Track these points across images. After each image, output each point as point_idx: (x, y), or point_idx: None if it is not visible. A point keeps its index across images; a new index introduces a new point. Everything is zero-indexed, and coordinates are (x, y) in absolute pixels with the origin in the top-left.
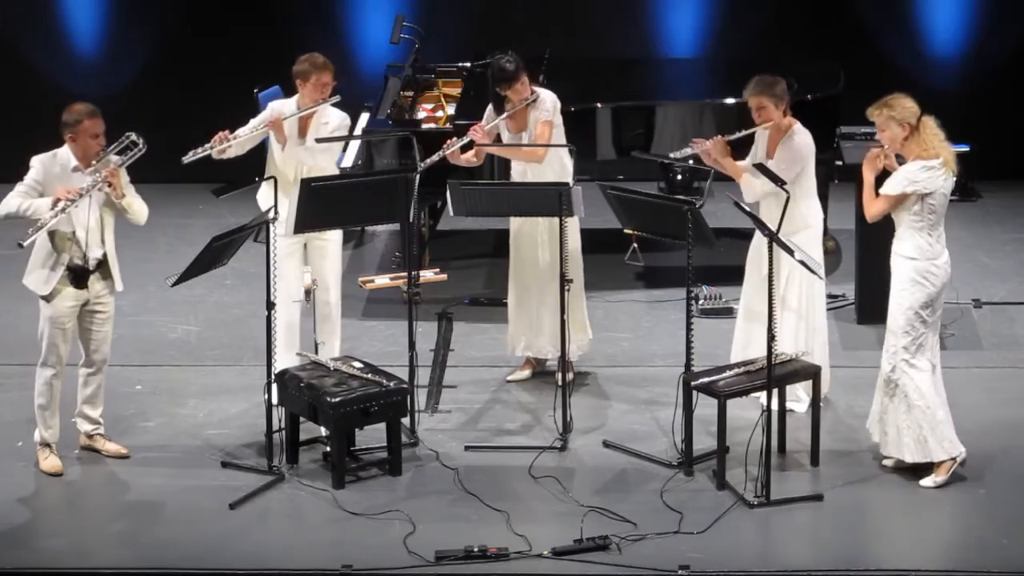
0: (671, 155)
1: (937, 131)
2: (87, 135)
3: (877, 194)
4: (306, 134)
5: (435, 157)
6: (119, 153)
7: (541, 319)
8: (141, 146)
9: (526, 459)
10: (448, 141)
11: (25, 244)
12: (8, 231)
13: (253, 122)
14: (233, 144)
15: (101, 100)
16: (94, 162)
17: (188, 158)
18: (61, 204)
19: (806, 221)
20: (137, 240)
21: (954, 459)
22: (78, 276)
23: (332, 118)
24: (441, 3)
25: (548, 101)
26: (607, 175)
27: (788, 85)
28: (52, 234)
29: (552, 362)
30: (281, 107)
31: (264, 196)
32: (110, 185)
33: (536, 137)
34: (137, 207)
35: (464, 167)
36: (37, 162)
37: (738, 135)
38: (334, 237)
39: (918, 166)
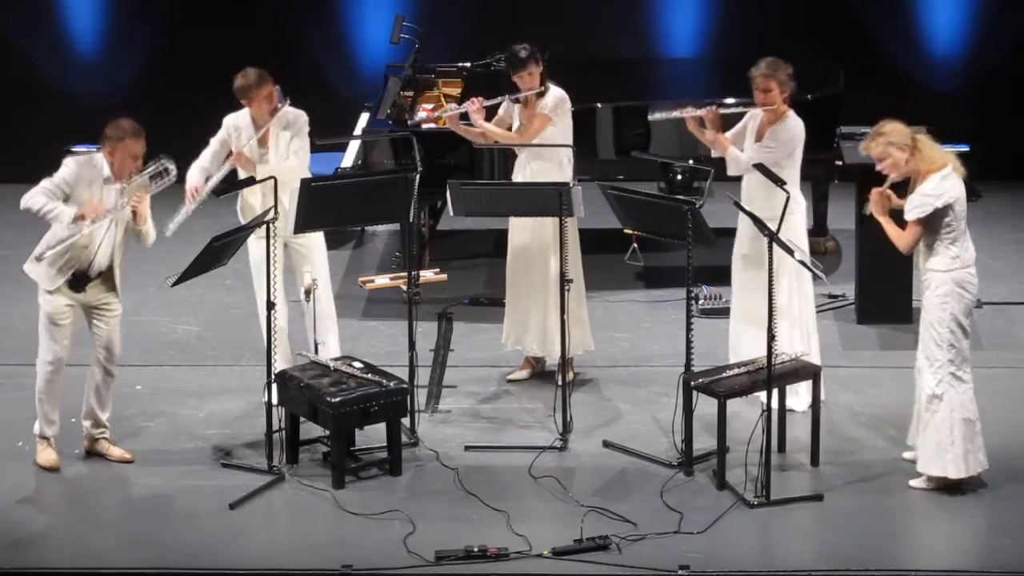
0: (651, 116)
1: (934, 143)
2: (126, 153)
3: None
4: (267, 144)
5: (431, 115)
6: (151, 177)
7: (529, 316)
8: (172, 175)
9: (526, 459)
10: (446, 106)
11: (42, 259)
12: (10, 233)
13: (212, 146)
14: (207, 194)
15: (101, 100)
16: (125, 182)
17: (171, 229)
18: (86, 222)
19: (789, 207)
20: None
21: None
22: (77, 280)
23: (288, 117)
24: (441, 3)
25: (550, 98)
26: (607, 175)
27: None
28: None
29: (552, 362)
30: (235, 120)
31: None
32: (134, 211)
33: (525, 127)
34: (152, 234)
35: (464, 167)
36: (73, 163)
37: (733, 109)
38: (317, 240)
39: (936, 180)
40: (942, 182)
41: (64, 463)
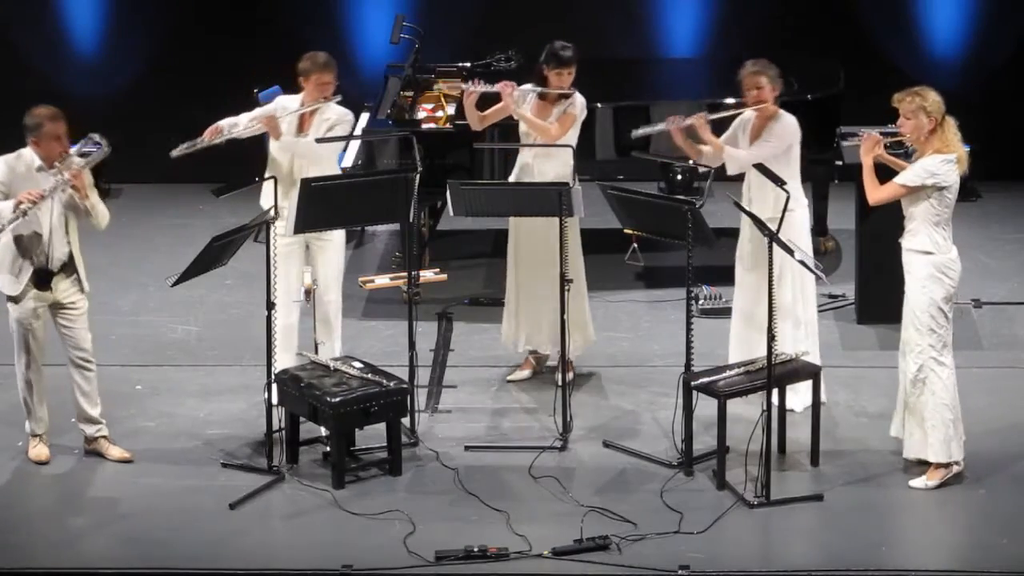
0: (634, 133)
1: (957, 131)
2: (49, 138)
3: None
4: (306, 131)
5: (464, 84)
6: (82, 155)
7: (540, 315)
8: (104, 147)
9: (526, 459)
10: (474, 80)
11: None
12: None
13: (254, 113)
14: (226, 139)
15: (101, 100)
16: (57, 163)
17: (177, 152)
18: (23, 206)
19: (789, 206)
20: (137, 240)
21: (952, 464)
22: (41, 278)
23: (333, 114)
24: (441, 3)
25: (579, 101)
26: (607, 175)
27: (788, 84)
28: (18, 237)
29: (552, 362)
30: (286, 103)
31: (266, 198)
32: (75, 187)
33: (558, 123)
34: (101, 209)
35: (464, 167)
36: (1, 163)
37: (722, 114)
38: (336, 237)
39: (938, 160)
40: (943, 165)
41: (64, 463)
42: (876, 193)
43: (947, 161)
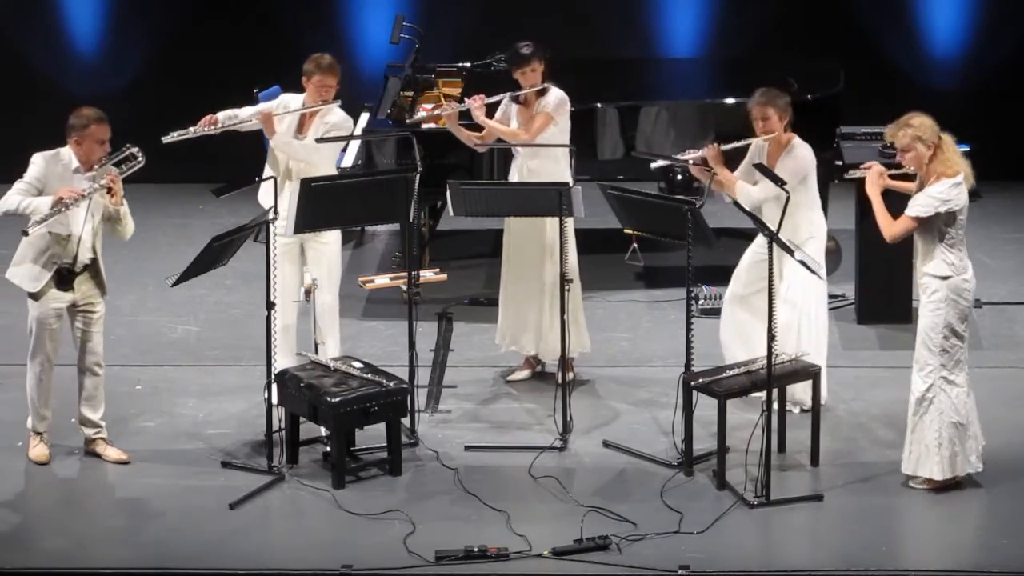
0: (653, 165)
1: (956, 148)
2: (93, 140)
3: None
4: (305, 132)
5: (433, 112)
6: (117, 164)
7: (526, 316)
8: (140, 159)
9: (526, 459)
10: (447, 104)
11: (31, 232)
12: (9, 233)
13: (255, 108)
14: (221, 130)
15: (101, 100)
16: (96, 167)
17: (168, 139)
18: (66, 200)
19: (810, 231)
20: (137, 240)
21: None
22: (63, 278)
23: (333, 118)
24: (441, 3)
25: (552, 96)
26: (607, 175)
27: (788, 87)
28: (47, 234)
29: (550, 362)
30: (289, 101)
31: (265, 195)
32: (110, 192)
33: (527, 125)
34: (129, 219)
35: (464, 167)
36: (40, 159)
37: (734, 145)
38: (331, 239)
39: (947, 184)
40: (952, 188)
41: (64, 463)
42: (891, 229)
43: (955, 184)
